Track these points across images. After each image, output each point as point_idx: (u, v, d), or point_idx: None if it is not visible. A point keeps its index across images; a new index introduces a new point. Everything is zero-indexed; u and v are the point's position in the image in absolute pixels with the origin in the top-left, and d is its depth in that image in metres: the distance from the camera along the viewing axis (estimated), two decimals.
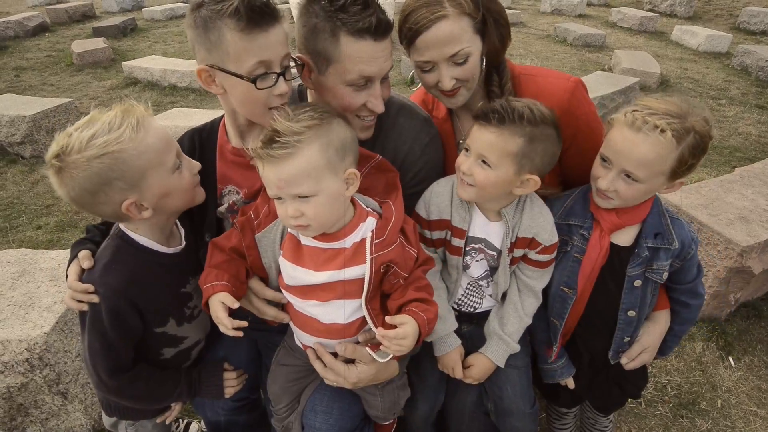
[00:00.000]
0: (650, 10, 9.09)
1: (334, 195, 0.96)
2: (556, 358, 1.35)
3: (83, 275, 1.07)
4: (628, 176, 1.08)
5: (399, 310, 1.05)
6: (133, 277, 1.06)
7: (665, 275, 1.23)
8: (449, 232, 1.22)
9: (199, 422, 1.87)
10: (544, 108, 1.07)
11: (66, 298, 1.07)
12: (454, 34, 1.09)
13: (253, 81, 1.02)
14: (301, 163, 0.91)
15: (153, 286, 1.09)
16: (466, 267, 1.25)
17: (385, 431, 1.43)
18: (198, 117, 3.73)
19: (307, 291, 1.06)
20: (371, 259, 0.99)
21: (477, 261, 1.24)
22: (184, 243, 1.19)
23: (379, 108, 1.15)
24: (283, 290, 1.12)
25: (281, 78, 1.05)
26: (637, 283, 1.22)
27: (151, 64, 5.68)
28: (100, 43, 6.57)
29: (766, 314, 2.43)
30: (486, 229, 1.20)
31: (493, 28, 1.17)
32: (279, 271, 1.11)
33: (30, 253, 1.93)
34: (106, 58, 6.35)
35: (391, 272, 1.04)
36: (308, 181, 0.92)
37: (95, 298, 1.04)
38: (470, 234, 1.20)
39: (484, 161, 1.07)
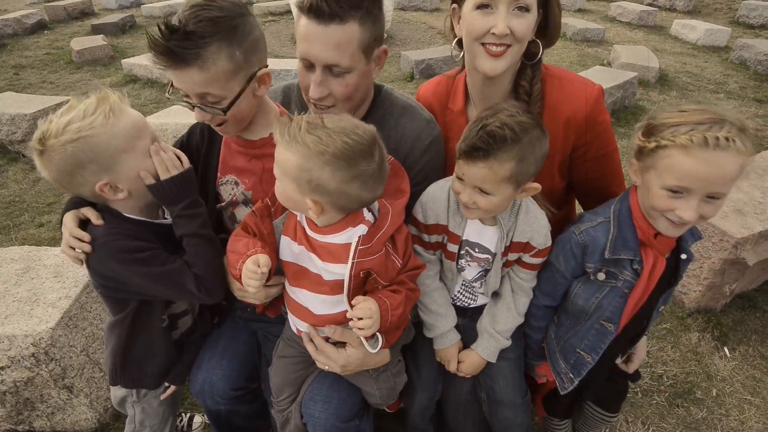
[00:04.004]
0: (649, 4, 9.05)
1: (288, 196, 0.98)
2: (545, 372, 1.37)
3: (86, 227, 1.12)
4: (711, 197, 0.96)
5: None
6: (125, 232, 1.12)
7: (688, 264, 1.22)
8: (446, 236, 1.23)
9: (203, 416, 1.90)
10: (521, 112, 1.05)
11: (66, 240, 1.11)
12: None
13: (169, 97, 1.09)
14: (279, 156, 0.95)
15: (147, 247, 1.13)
16: (460, 270, 1.27)
17: (391, 408, 1.47)
18: None
19: (299, 275, 1.09)
20: (352, 263, 1.00)
21: (470, 265, 1.26)
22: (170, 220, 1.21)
23: (311, 93, 1.15)
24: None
25: (197, 107, 1.06)
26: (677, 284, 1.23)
27: (150, 61, 5.65)
28: (99, 40, 6.55)
29: (761, 305, 2.46)
30: (481, 233, 1.21)
31: (550, 15, 1.17)
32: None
33: (34, 250, 1.95)
34: (105, 56, 6.34)
35: (371, 278, 1.07)
36: (277, 167, 0.98)
37: (88, 248, 1.09)
38: (465, 238, 1.21)
39: (482, 190, 1.07)
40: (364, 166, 0.92)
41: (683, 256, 1.17)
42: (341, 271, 1.03)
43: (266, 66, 1.12)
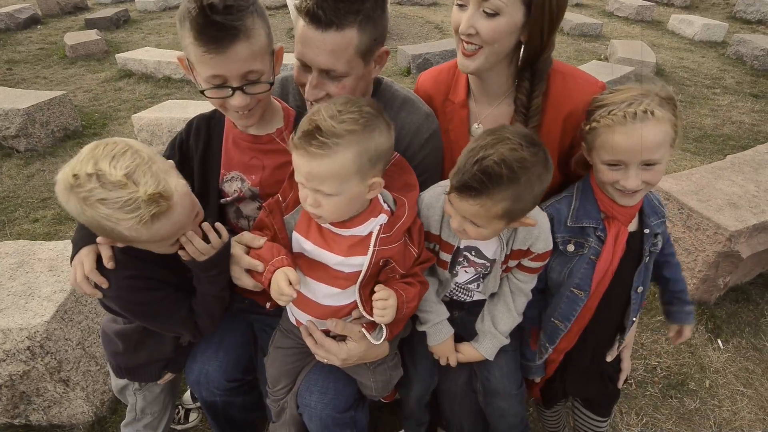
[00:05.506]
0: None
1: (352, 197, 0.98)
2: (536, 354, 1.37)
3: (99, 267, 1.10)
4: (648, 164, 1.08)
5: None
6: (139, 276, 1.11)
7: (660, 245, 1.28)
8: (437, 245, 1.22)
9: (199, 411, 1.91)
10: (525, 144, 0.97)
11: (80, 281, 1.08)
12: None
13: (202, 91, 1.05)
14: (333, 166, 0.92)
15: (159, 276, 1.14)
16: (454, 275, 1.26)
17: (387, 399, 1.48)
18: (193, 108, 3.72)
19: (313, 266, 1.09)
20: (373, 251, 1.02)
21: (466, 272, 1.25)
22: None
23: (307, 95, 1.15)
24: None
25: (238, 92, 1.04)
26: (647, 260, 1.26)
27: (145, 56, 5.63)
28: (93, 35, 6.50)
29: (754, 298, 2.48)
30: (477, 240, 1.18)
31: (544, 13, 1.10)
32: None
33: (28, 245, 1.94)
34: (99, 51, 6.30)
35: (389, 267, 1.08)
36: (334, 182, 0.94)
37: (99, 295, 1.10)
38: (460, 246, 1.19)
39: (473, 222, 1.04)
40: (382, 115, 0.99)
41: (646, 231, 1.24)
42: (360, 262, 1.04)
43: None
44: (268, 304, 1.23)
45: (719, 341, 2.26)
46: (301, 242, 1.09)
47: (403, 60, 5.83)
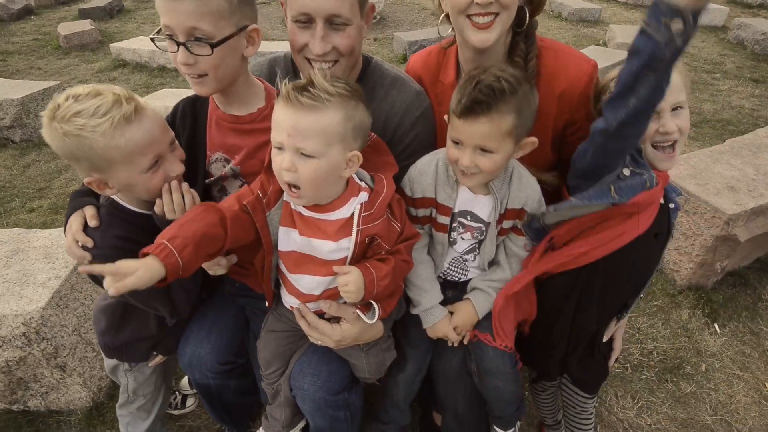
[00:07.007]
0: None
1: (332, 166, 0.97)
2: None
3: (86, 229, 1.14)
4: (675, 109, 1.11)
5: None
6: (126, 237, 1.14)
7: None
8: (434, 210, 1.22)
9: (196, 397, 1.91)
10: (508, 67, 1.07)
11: (70, 244, 1.12)
12: None
13: (152, 38, 1.06)
14: (320, 120, 0.93)
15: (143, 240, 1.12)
16: (452, 243, 1.26)
17: (382, 381, 1.47)
18: None
19: (302, 261, 1.08)
20: (357, 231, 1.02)
21: (463, 238, 1.25)
22: None
23: (316, 49, 1.13)
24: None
25: (182, 47, 1.03)
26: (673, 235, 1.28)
27: (139, 45, 5.56)
28: (86, 25, 6.42)
29: (752, 282, 2.48)
30: (472, 202, 1.20)
31: None
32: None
33: (23, 233, 1.94)
34: (93, 41, 6.22)
35: (374, 243, 1.07)
36: (318, 140, 0.93)
37: (88, 257, 1.11)
38: (456, 210, 1.20)
39: (483, 149, 1.06)
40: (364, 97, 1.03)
41: (672, 206, 1.24)
42: (346, 244, 1.03)
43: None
44: (266, 303, 1.23)
45: (716, 325, 2.26)
46: (291, 235, 1.07)
47: (399, 47, 5.76)
